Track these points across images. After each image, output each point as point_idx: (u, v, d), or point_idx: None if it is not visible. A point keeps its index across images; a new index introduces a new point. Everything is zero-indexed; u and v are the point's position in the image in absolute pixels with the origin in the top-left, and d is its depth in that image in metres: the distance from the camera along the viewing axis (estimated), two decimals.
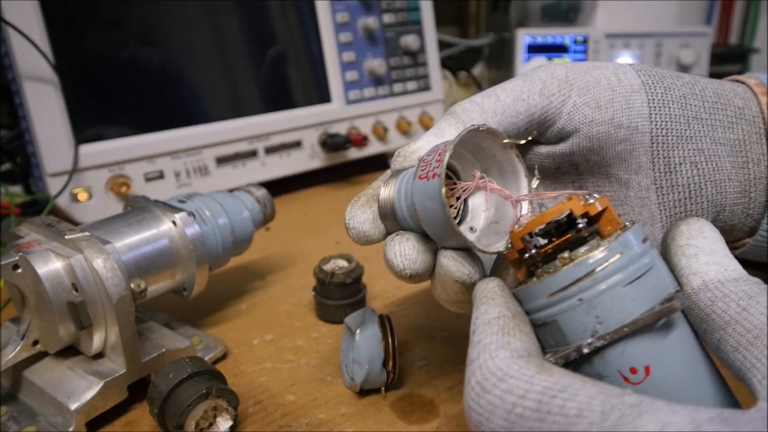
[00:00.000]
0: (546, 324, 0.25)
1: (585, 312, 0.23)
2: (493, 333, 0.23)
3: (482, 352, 0.22)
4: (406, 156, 0.33)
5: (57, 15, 0.63)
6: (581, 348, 0.23)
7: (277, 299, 0.55)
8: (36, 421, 0.38)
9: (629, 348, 0.23)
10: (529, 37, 1.10)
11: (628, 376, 0.23)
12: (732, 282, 0.24)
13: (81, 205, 0.66)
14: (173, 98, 0.73)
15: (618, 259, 0.23)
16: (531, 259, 0.25)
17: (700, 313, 0.24)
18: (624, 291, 0.23)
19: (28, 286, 0.38)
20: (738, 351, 0.22)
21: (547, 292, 0.24)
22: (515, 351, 0.22)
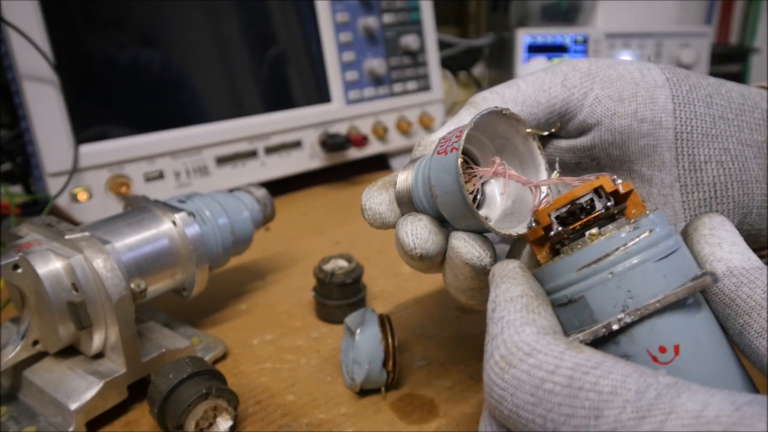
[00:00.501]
0: (572, 302, 0.24)
1: (616, 286, 0.23)
2: (517, 310, 0.22)
3: (506, 327, 0.22)
4: (426, 145, 0.33)
5: (57, 15, 0.63)
6: (611, 324, 0.22)
7: (277, 299, 0.55)
8: (36, 421, 0.38)
9: (659, 326, 0.22)
10: (529, 37, 1.10)
11: (657, 356, 0.22)
12: (757, 270, 0.23)
13: (81, 205, 0.66)
14: (173, 98, 0.73)
15: (649, 236, 0.23)
16: (557, 236, 0.25)
17: (724, 299, 0.24)
18: (655, 266, 0.23)
19: (28, 286, 0.38)
20: (762, 336, 0.22)
21: (577, 266, 0.23)
22: (541, 328, 0.22)
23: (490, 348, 0.22)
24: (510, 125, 0.29)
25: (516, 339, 0.21)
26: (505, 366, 0.21)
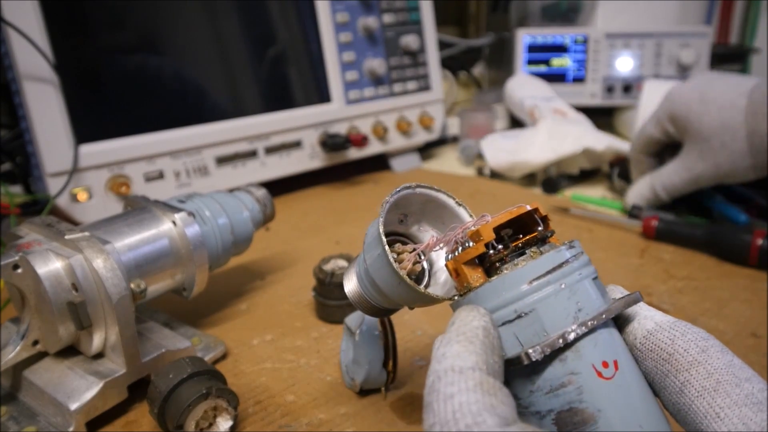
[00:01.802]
0: (520, 316, 0.23)
1: (567, 297, 0.23)
2: (470, 389, 0.19)
3: (461, 413, 0.19)
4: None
5: (57, 15, 0.63)
6: (567, 334, 0.22)
7: (277, 299, 0.55)
8: (36, 421, 0.38)
9: (601, 340, 0.23)
10: (529, 37, 1.10)
11: (601, 371, 0.23)
12: (682, 324, 0.24)
13: (81, 205, 0.66)
14: (173, 98, 0.73)
15: (584, 256, 0.24)
16: (498, 254, 0.25)
17: (662, 353, 0.24)
18: (592, 284, 0.24)
19: (28, 286, 0.38)
20: (703, 397, 0.22)
21: (529, 278, 0.23)
22: (503, 418, 0.19)
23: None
24: (425, 193, 0.31)
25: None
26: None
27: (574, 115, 0.94)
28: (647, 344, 0.24)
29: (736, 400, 0.21)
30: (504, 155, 0.87)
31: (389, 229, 0.32)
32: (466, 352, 0.21)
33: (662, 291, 0.54)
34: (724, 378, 0.22)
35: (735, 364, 0.23)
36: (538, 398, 0.23)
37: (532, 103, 0.97)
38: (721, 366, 0.22)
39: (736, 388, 0.22)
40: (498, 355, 0.22)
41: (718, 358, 0.23)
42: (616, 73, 1.07)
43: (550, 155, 0.82)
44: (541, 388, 0.23)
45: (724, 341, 0.45)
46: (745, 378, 0.22)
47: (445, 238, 0.28)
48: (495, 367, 0.21)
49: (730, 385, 0.22)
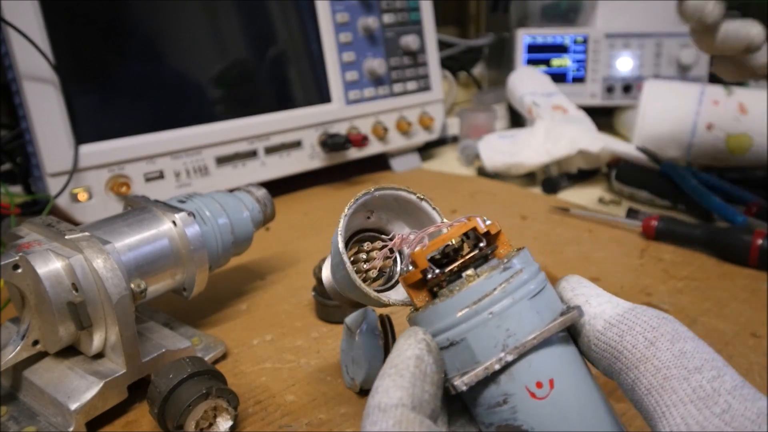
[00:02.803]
0: (453, 344, 0.24)
1: (496, 326, 0.23)
2: (389, 428, 0.21)
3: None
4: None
5: (57, 15, 0.63)
6: (492, 364, 0.23)
7: (277, 299, 0.55)
8: (36, 421, 0.38)
9: (536, 361, 0.23)
10: (529, 37, 1.10)
11: (534, 392, 0.23)
12: (630, 311, 0.24)
13: (81, 205, 0.66)
14: (173, 98, 0.73)
15: (521, 274, 0.24)
16: (435, 279, 0.25)
17: (612, 352, 0.23)
18: (529, 304, 0.24)
19: (28, 286, 0.38)
20: (651, 394, 0.22)
21: (458, 308, 0.24)
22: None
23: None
24: (406, 198, 0.31)
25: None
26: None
27: (574, 111, 0.94)
28: (599, 345, 0.24)
29: (682, 397, 0.21)
30: (500, 156, 0.87)
31: (357, 227, 0.32)
32: (393, 386, 0.22)
33: (662, 291, 0.54)
34: (671, 372, 0.21)
35: (686, 352, 0.22)
36: (482, 412, 0.25)
37: (531, 101, 0.97)
38: (669, 359, 0.22)
39: (684, 383, 0.21)
40: (431, 383, 0.23)
41: (667, 349, 0.22)
42: (616, 73, 1.07)
43: (544, 157, 0.82)
44: (482, 404, 0.24)
45: (724, 341, 0.45)
46: (695, 368, 0.21)
47: (413, 238, 0.29)
48: (425, 397, 0.22)
49: (677, 380, 0.21)
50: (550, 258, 0.61)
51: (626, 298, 0.26)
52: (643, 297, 0.52)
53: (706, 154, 0.82)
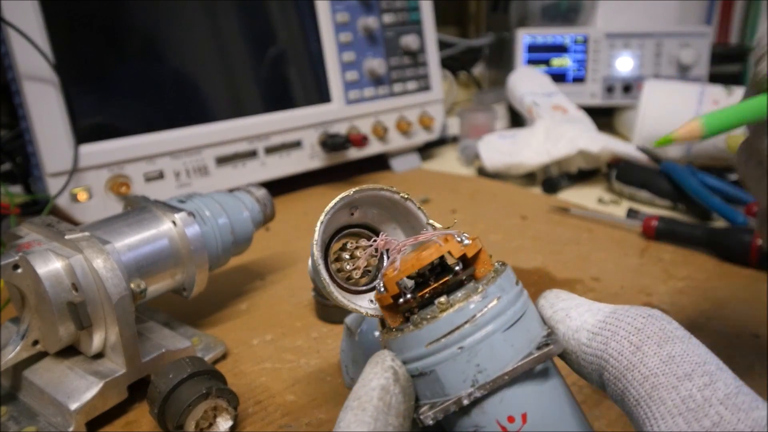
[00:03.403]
0: (423, 374, 0.23)
1: (466, 361, 0.22)
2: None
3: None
4: None
5: (57, 15, 0.63)
6: (461, 400, 0.22)
7: (277, 299, 0.55)
8: (36, 421, 0.38)
9: (508, 396, 0.22)
10: (529, 37, 1.10)
11: (506, 425, 0.22)
12: (611, 315, 0.22)
13: (81, 205, 0.66)
14: (173, 98, 0.73)
15: (496, 304, 0.23)
16: (406, 304, 0.24)
17: (599, 361, 0.22)
18: (503, 337, 0.23)
19: (28, 286, 0.38)
20: (639, 406, 0.20)
21: (426, 341, 0.23)
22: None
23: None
24: (389, 197, 0.30)
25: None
26: None
27: (574, 111, 0.94)
28: (587, 358, 0.23)
29: (670, 408, 0.19)
30: (500, 156, 0.87)
31: (342, 224, 0.31)
32: (355, 422, 0.21)
33: (662, 291, 0.54)
34: (659, 380, 0.20)
35: (675, 356, 0.20)
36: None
37: (531, 101, 0.97)
38: (656, 365, 0.20)
39: (672, 392, 0.19)
40: (396, 415, 0.22)
41: (655, 354, 0.20)
42: (616, 73, 1.07)
43: (544, 157, 0.82)
44: (455, 431, 0.24)
45: (724, 342, 0.45)
46: (684, 374, 0.19)
47: (396, 243, 0.27)
48: (388, 429, 0.22)
49: (665, 389, 0.19)
50: (550, 258, 0.61)
51: (626, 298, 0.25)
52: (643, 297, 0.52)
53: (706, 154, 0.82)
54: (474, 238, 0.25)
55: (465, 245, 0.24)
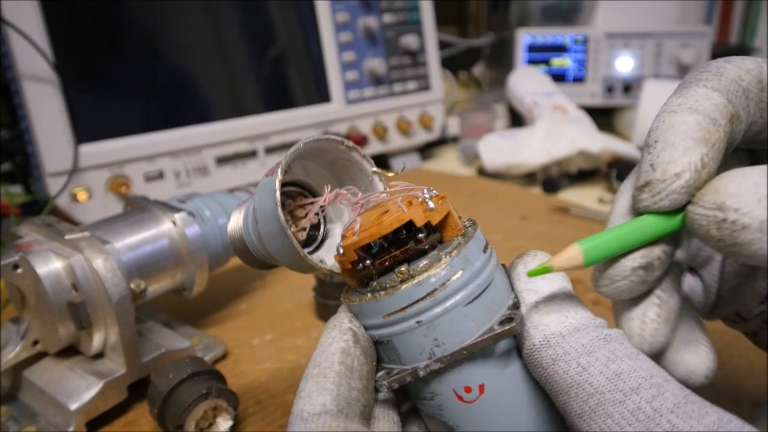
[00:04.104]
0: (380, 342, 0.23)
1: (423, 335, 0.22)
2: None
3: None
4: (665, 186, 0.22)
5: (57, 15, 0.63)
6: (417, 371, 0.22)
7: (277, 299, 0.55)
8: (36, 421, 0.38)
9: (465, 368, 0.22)
10: (530, 36, 1.10)
11: (462, 395, 0.22)
12: (573, 334, 0.22)
13: (81, 205, 0.66)
14: (173, 98, 0.73)
15: (460, 277, 0.22)
16: (366, 270, 0.23)
17: (543, 373, 0.22)
18: (464, 311, 0.22)
19: (28, 286, 0.38)
20: (582, 419, 0.20)
21: (383, 312, 0.22)
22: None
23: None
24: (353, 158, 0.28)
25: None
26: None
27: (574, 111, 0.94)
28: (530, 360, 0.22)
29: (619, 421, 0.19)
30: (500, 156, 0.87)
31: (291, 179, 0.28)
32: (316, 391, 0.21)
33: None
34: (605, 397, 0.20)
35: (622, 373, 0.20)
36: (415, 400, 0.24)
37: (532, 100, 0.97)
38: (602, 383, 0.20)
39: (620, 406, 0.19)
40: (359, 377, 0.22)
41: (600, 373, 0.20)
42: (616, 73, 1.07)
43: (544, 157, 0.82)
44: (413, 394, 0.24)
45: (724, 342, 0.45)
46: (631, 389, 0.19)
47: (346, 197, 0.26)
48: (352, 395, 0.21)
49: (612, 404, 0.19)
50: None
51: None
52: None
53: None
54: (441, 198, 0.23)
55: (430, 210, 0.22)
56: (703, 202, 0.21)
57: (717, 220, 0.20)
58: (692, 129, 0.22)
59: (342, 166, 0.28)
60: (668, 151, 0.21)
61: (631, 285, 0.22)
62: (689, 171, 0.21)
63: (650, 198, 0.21)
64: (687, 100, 0.23)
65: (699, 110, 0.22)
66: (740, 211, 0.20)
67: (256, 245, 0.28)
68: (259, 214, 0.26)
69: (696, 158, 0.21)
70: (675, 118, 0.22)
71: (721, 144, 0.22)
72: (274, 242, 0.26)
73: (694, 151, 0.21)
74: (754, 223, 0.20)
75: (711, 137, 0.21)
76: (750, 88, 0.23)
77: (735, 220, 0.20)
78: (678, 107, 0.23)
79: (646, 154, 0.22)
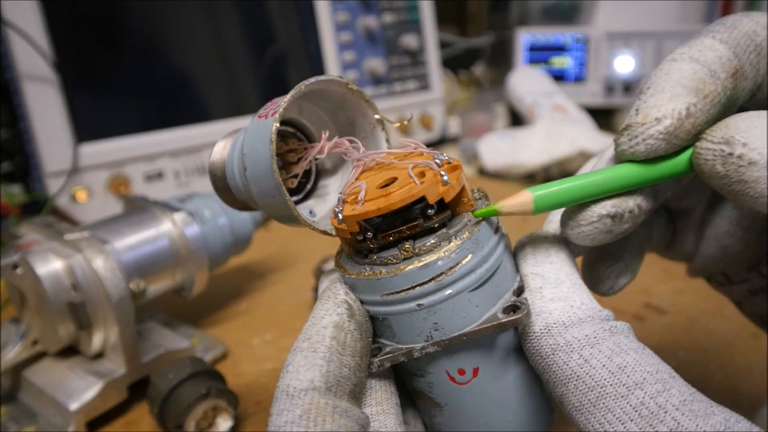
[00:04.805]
0: (377, 319, 0.22)
1: (423, 318, 0.20)
2: (295, 420, 0.18)
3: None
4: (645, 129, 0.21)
5: (57, 15, 0.63)
6: (412, 352, 0.21)
7: (277, 299, 0.55)
8: (36, 421, 0.38)
9: (461, 352, 0.21)
10: (530, 36, 1.10)
11: (455, 377, 0.22)
12: (576, 325, 0.20)
13: (81, 205, 0.66)
14: (173, 98, 0.73)
15: (468, 261, 0.20)
16: (367, 243, 0.21)
17: (542, 362, 0.21)
18: (469, 296, 0.20)
19: (28, 286, 0.38)
20: (581, 412, 0.19)
21: (382, 291, 0.21)
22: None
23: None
24: (356, 103, 0.25)
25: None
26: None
27: (574, 111, 0.94)
28: (529, 348, 0.21)
29: (620, 416, 0.18)
30: (500, 156, 0.87)
31: (284, 117, 0.25)
32: (305, 366, 0.19)
33: (662, 291, 0.54)
34: (606, 391, 0.19)
35: (626, 366, 0.19)
36: (404, 373, 0.23)
37: (532, 100, 0.97)
38: (604, 376, 0.19)
39: (622, 400, 0.18)
40: (352, 354, 0.20)
41: (603, 366, 0.19)
42: (617, 72, 1.07)
43: (544, 157, 0.82)
44: (405, 368, 0.23)
45: (724, 342, 0.45)
46: (635, 383, 0.18)
47: (344, 150, 0.24)
48: (343, 372, 0.20)
49: (613, 398, 0.18)
50: None
51: (626, 298, 0.24)
52: (644, 297, 0.52)
53: None
54: (455, 168, 0.21)
55: (445, 186, 0.20)
56: (711, 137, 0.20)
57: (723, 155, 0.19)
58: (686, 77, 0.21)
59: (342, 109, 0.26)
60: (656, 97, 0.20)
61: (595, 231, 0.21)
62: (671, 117, 0.20)
63: (627, 142, 0.21)
64: (690, 50, 0.22)
65: (699, 60, 0.21)
66: (749, 146, 0.19)
67: (240, 188, 0.25)
68: (249, 161, 0.23)
69: (681, 106, 0.20)
70: (673, 65, 0.21)
71: (716, 97, 0.21)
72: (263, 193, 0.23)
73: (682, 99, 0.20)
74: (762, 160, 0.19)
75: (705, 88, 0.20)
76: (765, 44, 0.22)
77: (742, 155, 0.19)
78: (680, 56, 0.22)
79: (636, 99, 0.21)
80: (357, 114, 0.26)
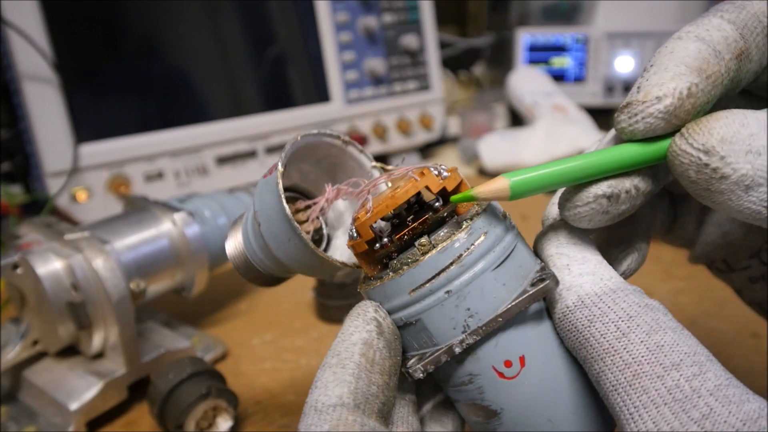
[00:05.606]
0: (409, 324, 0.21)
1: (454, 305, 0.20)
2: (326, 422, 0.18)
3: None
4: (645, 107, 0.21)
5: (57, 15, 0.63)
6: (453, 348, 0.20)
7: (277, 299, 0.55)
8: (36, 421, 0.38)
9: (503, 339, 0.21)
10: (529, 36, 1.10)
11: (503, 371, 0.21)
12: (609, 295, 0.20)
13: (81, 205, 0.66)
14: (173, 98, 0.73)
15: (484, 241, 0.20)
16: (384, 249, 0.21)
17: (578, 336, 0.20)
18: (494, 275, 0.20)
19: (28, 286, 0.38)
20: (617, 391, 0.19)
21: (408, 288, 0.20)
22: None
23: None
24: (336, 144, 0.26)
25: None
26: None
27: (574, 111, 0.94)
28: (564, 324, 0.20)
29: (654, 398, 0.18)
30: (500, 156, 0.87)
31: (288, 184, 0.27)
32: (333, 381, 0.19)
33: (663, 291, 0.54)
34: (643, 369, 0.18)
35: (664, 345, 0.18)
36: (447, 389, 0.23)
37: (532, 100, 0.97)
38: (642, 353, 0.18)
39: (657, 381, 0.18)
40: (380, 372, 0.20)
41: (641, 342, 0.19)
42: (617, 72, 1.07)
43: (544, 157, 0.82)
44: (447, 382, 0.22)
45: (724, 341, 0.45)
46: (671, 364, 0.18)
47: (349, 191, 0.25)
48: (371, 390, 0.20)
49: (649, 378, 0.18)
50: None
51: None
52: None
53: None
54: (453, 170, 0.22)
55: (444, 178, 0.21)
56: (692, 139, 0.19)
57: (699, 163, 0.19)
58: (690, 56, 0.20)
59: (339, 164, 0.27)
60: (658, 75, 0.20)
61: (591, 212, 0.21)
62: (671, 97, 0.20)
63: (626, 119, 0.20)
64: (697, 29, 0.21)
65: (705, 39, 0.21)
66: (725, 160, 0.19)
67: (260, 255, 0.26)
68: (261, 216, 0.24)
69: (683, 85, 0.20)
70: (678, 44, 0.21)
71: (719, 78, 0.20)
72: (280, 242, 0.24)
73: (684, 78, 0.20)
74: (733, 176, 0.19)
75: (708, 68, 0.20)
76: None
77: (716, 168, 0.19)
78: (686, 34, 0.21)
79: (639, 77, 0.21)
80: (353, 164, 0.27)
